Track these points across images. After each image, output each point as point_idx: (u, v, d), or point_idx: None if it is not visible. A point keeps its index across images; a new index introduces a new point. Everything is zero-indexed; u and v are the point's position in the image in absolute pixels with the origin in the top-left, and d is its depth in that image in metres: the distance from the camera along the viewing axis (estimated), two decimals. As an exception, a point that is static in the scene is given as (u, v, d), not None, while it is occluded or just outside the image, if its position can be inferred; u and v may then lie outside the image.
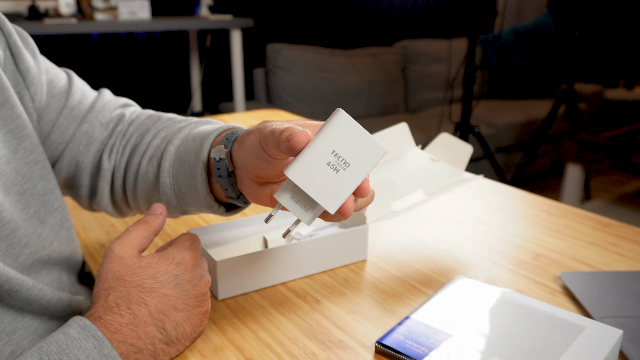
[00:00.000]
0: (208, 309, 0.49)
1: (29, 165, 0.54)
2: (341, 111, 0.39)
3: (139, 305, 0.43)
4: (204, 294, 0.48)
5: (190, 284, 0.46)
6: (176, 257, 0.47)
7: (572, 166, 2.40)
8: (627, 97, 3.75)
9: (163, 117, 0.63)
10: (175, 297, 0.45)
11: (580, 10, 3.52)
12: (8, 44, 0.55)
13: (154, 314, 0.44)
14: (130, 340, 0.42)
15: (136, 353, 0.43)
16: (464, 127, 2.50)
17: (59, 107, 0.60)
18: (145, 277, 0.45)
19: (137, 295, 0.44)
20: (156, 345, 0.44)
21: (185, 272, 0.46)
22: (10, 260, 0.50)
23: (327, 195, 0.39)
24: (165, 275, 0.45)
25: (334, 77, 2.97)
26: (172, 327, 0.45)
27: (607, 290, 0.58)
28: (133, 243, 0.47)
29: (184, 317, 0.46)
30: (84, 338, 0.40)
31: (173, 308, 0.45)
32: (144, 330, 0.43)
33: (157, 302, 0.44)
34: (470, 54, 2.43)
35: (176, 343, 0.46)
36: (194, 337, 0.48)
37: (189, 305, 0.46)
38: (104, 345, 0.41)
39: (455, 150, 0.71)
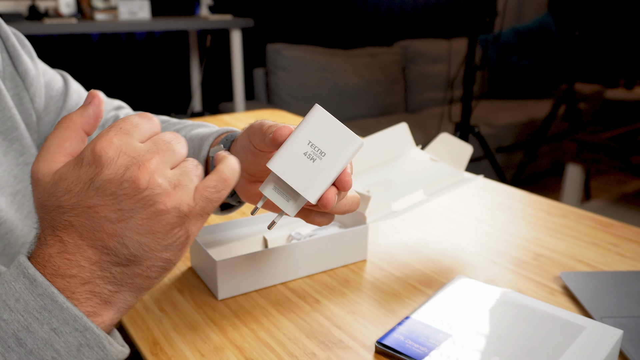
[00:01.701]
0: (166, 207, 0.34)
1: (19, 167, 0.54)
2: (317, 106, 0.42)
3: (65, 229, 0.34)
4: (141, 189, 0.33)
5: (114, 184, 0.33)
6: (86, 154, 0.34)
7: (572, 166, 2.40)
8: (627, 97, 3.75)
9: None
10: (103, 206, 0.33)
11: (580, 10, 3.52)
12: (5, 46, 0.55)
13: (86, 234, 0.34)
14: (67, 272, 0.34)
15: (84, 284, 0.34)
16: (464, 127, 2.49)
17: (57, 108, 0.61)
18: (61, 193, 0.34)
19: (60, 218, 0.34)
20: (110, 269, 0.34)
21: (102, 170, 0.33)
22: (7, 259, 0.50)
23: (306, 183, 0.40)
24: (80, 184, 0.34)
25: (334, 77, 2.97)
26: (117, 243, 0.34)
27: (607, 290, 0.58)
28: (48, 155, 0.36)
29: (127, 226, 0.34)
30: (14, 279, 0.33)
31: (106, 220, 0.33)
32: (83, 257, 0.34)
33: (83, 219, 0.34)
34: (470, 54, 2.43)
35: (137, 260, 0.35)
36: (167, 244, 0.35)
37: (126, 210, 0.33)
38: (36, 284, 0.33)
39: (455, 150, 0.71)
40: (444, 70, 3.35)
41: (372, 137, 0.71)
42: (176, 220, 0.35)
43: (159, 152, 0.35)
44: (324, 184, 0.41)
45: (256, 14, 2.94)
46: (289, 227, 0.69)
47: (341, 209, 0.45)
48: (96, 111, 0.38)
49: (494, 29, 3.21)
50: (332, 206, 0.41)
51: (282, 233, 0.67)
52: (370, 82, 3.11)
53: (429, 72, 3.37)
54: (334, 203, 0.41)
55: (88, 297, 0.34)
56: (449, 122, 2.72)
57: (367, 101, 3.11)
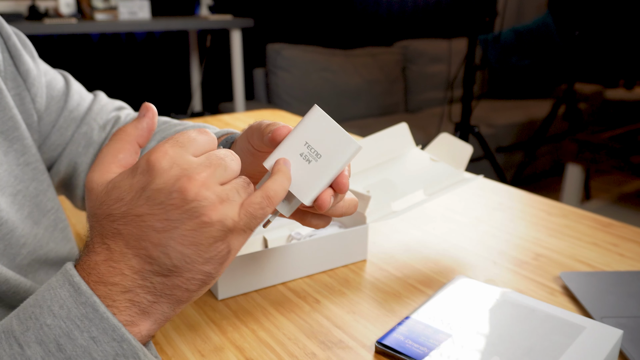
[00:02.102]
0: (210, 220, 0.34)
1: (20, 167, 0.54)
2: (316, 107, 0.41)
3: (113, 237, 0.35)
4: (188, 200, 0.34)
5: (164, 193, 0.34)
6: (141, 164, 0.35)
7: (572, 166, 2.40)
8: (627, 97, 3.75)
9: (158, 121, 0.64)
10: (151, 215, 0.34)
11: (580, 10, 3.52)
12: (7, 46, 0.55)
13: (132, 242, 0.35)
14: (110, 279, 0.34)
15: (125, 293, 0.34)
16: (464, 127, 2.50)
17: (59, 108, 0.61)
18: (112, 202, 0.35)
19: (109, 226, 0.35)
20: (150, 279, 0.35)
21: (152, 180, 0.34)
22: (8, 260, 0.50)
23: (300, 185, 0.40)
24: (132, 192, 0.35)
25: (334, 77, 2.97)
26: (159, 253, 0.34)
27: (607, 290, 0.58)
28: (103, 165, 0.37)
29: (172, 236, 0.34)
30: (60, 285, 0.34)
31: (152, 229, 0.34)
32: (127, 265, 0.35)
33: (131, 228, 0.34)
34: (470, 54, 2.44)
35: (178, 271, 0.35)
36: (208, 257, 0.35)
37: (172, 220, 0.34)
38: (80, 292, 0.33)
39: (455, 150, 0.72)
40: (444, 70, 3.35)
41: (372, 137, 0.71)
42: (219, 234, 0.35)
43: (210, 166, 0.35)
44: (318, 186, 0.41)
45: (256, 14, 2.95)
46: (289, 227, 0.69)
47: (338, 212, 0.45)
48: (150, 124, 0.39)
49: (494, 29, 3.21)
50: (328, 208, 0.41)
51: (282, 233, 0.67)
52: (370, 82, 3.11)
53: (429, 72, 3.37)
54: (329, 205, 0.41)
55: (127, 306, 0.35)
56: (449, 122, 2.72)
57: (367, 101, 3.11)
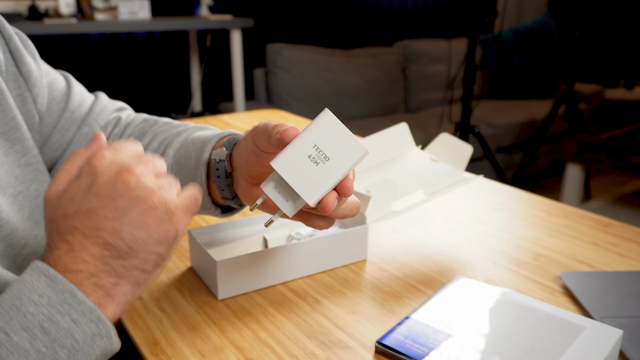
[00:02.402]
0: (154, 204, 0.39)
1: (21, 168, 0.54)
2: (327, 110, 0.42)
3: (70, 232, 0.39)
4: (130, 189, 0.39)
5: (109, 187, 0.39)
6: (84, 169, 0.41)
7: (572, 166, 2.40)
8: (627, 97, 3.75)
9: (159, 121, 0.65)
10: (101, 207, 0.39)
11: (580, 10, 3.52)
12: (9, 46, 0.55)
13: (88, 233, 0.39)
14: (74, 267, 0.38)
15: (90, 278, 0.39)
16: (464, 127, 2.50)
17: (60, 109, 0.61)
18: (64, 204, 0.40)
19: (65, 224, 0.40)
20: (110, 263, 0.39)
21: (97, 177, 0.39)
22: (9, 261, 0.50)
23: (306, 186, 0.41)
24: (80, 192, 0.40)
25: (334, 77, 2.97)
26: (115, 238, 0.39)
27: (607, 290, 0.58)
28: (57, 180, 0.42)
29: (123, 222, 0.39)
30: (35, 279, 0.38)
31: (104, 219, 0.39)
32: (87, 253, 0.39)
33: (85, 221, 0.39)
34: (470, 54, 2.43)
35: (133, 253, 0.39)
36: (158, 239, 0.40)
37: (121, 208, 0.39)
38: (57, 280, 0.37)
39: (455, 150, 0.72)
40: (444, 70, 3.35)
41: (372, 137, 0.71)
42: (165, 216, 0.40)
43: (143, 162, 0.41)
44: (324, 188, 0.41)
45: (256, 14, 2.94)
46: (289, 227, 0.69)
47: (340, 214, 0.45)
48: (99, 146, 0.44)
49: (494, 29, 3.21)
50: (331, 211, 0.42)
51: (282, 233, 0.67)
52: (370, 82, 3.11)
53: (429, 72, 3.37)
54: (333, 208, 0.42)
55: (93, 289, 0.39)
56: (449, 122, 2.72)
57: (367, 101, 3.11)
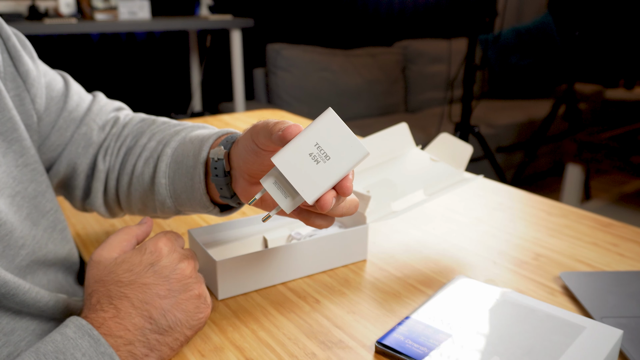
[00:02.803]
0: (200, 293, 0.47)
1: (18, 168, 0.54)
2: (330, 110, 0.42)
3: (120, 299, 0.43)
4: (186, 277, 0.46)
5: (168, 269, 0.45)
6: (149, 247, 0.46)
7: (572, 166, 2.40)
8: (627, 97, 3.75)
9: (157, 121, 0.65)
10: (156, 285, 0.44)
11: (580, 10, 3.52)
12: (6, 46, 0.55)
13: (137, 304, 0.43)
14: (117, 333, 0.42)
15: (127, 345, 0.42)
16: (464, 127, 2.50)
17: (58, 109, 0.61)
18: (122, 272, 0.45)
19: (117, 290, 0.44)
20: (148, 336, 0.43)
21: (160, 259, 0.46)
22: (7, 261, 0.50)
23: (306, 183, 0.41)
24: (141, 266, 0.45)
25: (334, 77, 2.97)
26: (160, 315, 0.44)
27: (607, 290, 0.58)
28: (110, 247, 0.48)
29: (170, 303, 0.45)
30: (80, 337, 0.41)
31: (156, 296, 0.44)
32: (131, 322, 0.43)
33: (137, 293, 0.44)
34: (470, 54, 2.43)
35: (170, 332, 0.44)
36: (192, 324, 0.46)
37: (173, 291, 0.45)
38: (99, 343, 0.41)
39: (455, 150, 0.72)
40: (444, 70, 3.35)
41: (372, 137, 0.71)
42: (203, 306, 0.47)
43: (195, 257, 0.49)
44: (323, 186, 0.41)
45: (256, 14, 2.95)
46: (289, 227, 0.69)
47: (339, 212, 0.46)
48: (148, 229, 0.52)
49: (494, 29, 3.21)
50: (329, 209, 0.42)
51: (282, 233, 0.67)
52: (370, 82, 3.11)
53: (429, 72, 3.37)
54: (331, 206, 0.42)
55: (126, 356, 0.42)
56: (449, 122, 2.72)
57: (367, 101, 3.11)
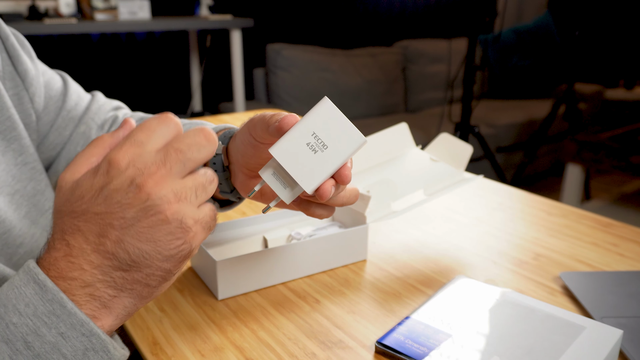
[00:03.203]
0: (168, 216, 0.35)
1: (17, 167, 0.54)
2: (326, 99, 0.42)
3: (72, 233, 0.36)
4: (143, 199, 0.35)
5: (120, 193, 0.35)
6: (102, 165, 0.36)
7: (572, 166, 2.40)
8: (627, 97, 3.75)
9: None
10: (109, 214, 0.36)
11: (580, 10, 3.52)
12: (5, 46, 0.55)
13: (92, 238, 0.36)
14: (69, 274, 0.35)
15: (85, 287, 0.35)
16: (464, 127, 2.49)
17: (57, 108, 0.61)
18: (75, 199, 0.37)
19: (70, 222, 0.36)
20: (110, 274, 0.36)
21: (111, 180, 0.36)
22: (5, 259, 0.50)
23: (304, 173, 0.41)
24: (92, 191, 0.36)
25: (334, 77, 2.97)
26: (119, 248, 0.36)
27: (607, 290, 0.58)
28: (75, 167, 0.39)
29: (129, 233, 0.36)
30: (24, 284, 0.35)
31: (110, 227, 0.36)
32: (86, 260, 0.36)
33: (91, 225, 0.36)
34: (470, 54, 2.43)
35: (137, 267, 0.36)
36: (167, 255, 0.36)
37: (128, 219, 0.35)
38: (46, 289, 0.34)
39: (455, 150, 0.71)
40: (444, 70, 3.35)
41: (372, 137, 0.71)
42: (178, 231, 0.36)
43: (166, 163, 0.36)
44: (322, 175, 0.41)
45: (256, 14, 2.94)
46: (289, 227, 0.69)
47: (339, 202, 0.45)
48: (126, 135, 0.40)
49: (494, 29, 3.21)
50: (328, 198, 0.42)
51: (282, 233, 0.67)
52: (370, 82, 3.11)
53: (429, 72, 3.37)
54: (330, 195, 0.42)
55: (87, 300, 0.35)
56: (449, 122, 2.72)
57: (367, 101, 3.11)
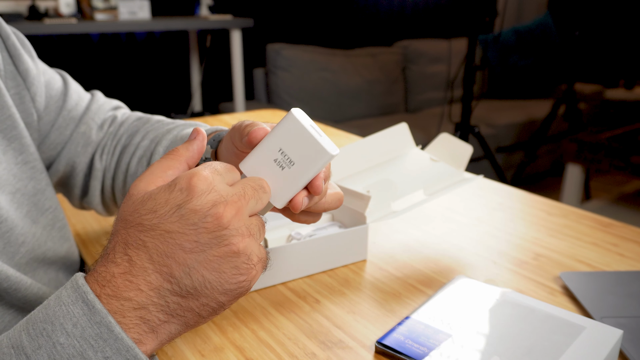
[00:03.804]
0: (240, 249, 0.35)
1: (18, 166, 0.54)
2: (292, 112, 0.41)
3: (137, 249, 0.35)
4: (221, 226, 0.35)
5: (198, 215, 0.34)
6: (180, 181, 0.35)
7: (572, 166, 2.40)
8: (627, 97, 3.75)
9: (152, 119, 0.65)
10: (181, 234, 0.34)
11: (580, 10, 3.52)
12: (6, 45, 0.55)
13: (156, 257, 0.34)
14: (125, 294, 0.34)
15: (138, 309, 0.34)
16: (464, 127, 2.49)
17: (58, 108, 0.61)
18: (145, 211, 0.35)
19: (135, 236, 0.35)
20: (167, 298, 0.35)
21: (191, 199, 0.35)
22: (7, 258, 0.50)
23: (274, 189, 0.41)
24: (167, 207, 0.35)
25: (334, 77, 2.97)
26: (183, 273, 0.34)
27: (607, 290, 0.58)
28: (151, 176, 0.38)
29: (197, 259, 0.34)
30: (73, 302, 0.33)
31: (180, 248, 0.34)
32: (145, 281, 0.34)
33: (158, 243, 0.34)
34: (470, 54, 2.43)
35: (195, 295, 0.35)
36: (227, 288, 0.35)
37: (201, 244, 0.34)
38: (94, 311, 0.33)
39: (455, 150, 0.71)
40: (444, 70, 3.35)
41: (372, 137, 0.71)
42: (244, 267, 0.35)
43: (245, 197, 0.36)
44: (290, 191, 0.41)
45: (256, 14, 2.94)
46: (289, 227, 0.69)
47: (321, 208, 0.45)
48: (200, 146, 0.40)
49: (494, 29, 3.21)
50: (301, 209, 0.41)
51: (282, 233, 0.67)
52: (370, 82, 3.11)
53: (429, 72, 3.37)
54: (303, 206, 0.41)
55: (137, 323, 0.34)
56: (449, 122, 2.72)
57: (367, 101, 3.11)
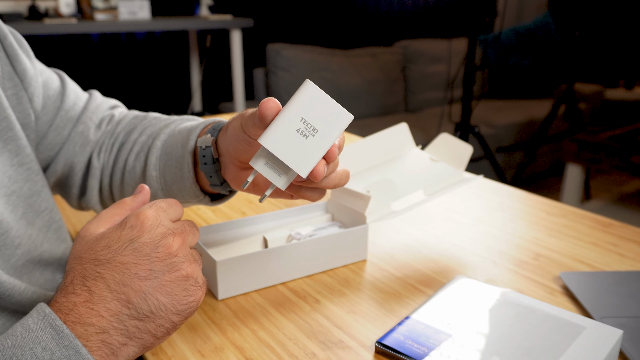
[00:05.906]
0: (189, 273, 0.41)
1: (14, 168, 0.54)
2: (308, 81, 0.42)
3: (94, 280, 0.38)
4: (170, 255, 0.40)
5: (150, 247, 0.39)
6: (130, 220, 0.41)
7: (572, 166, 2.40)
8: (627, 97, 3.75)
9: (149, 116, 0.66)
10: (135, 264, 0.39)
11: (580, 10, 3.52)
12: (3, 45, 0.55)
13: (114, 286, 0.38)
14: (87, 320, 0.37)
15: (100, 334, 0.37)
16: (464, 127, 2.49)
17: (55, 108, 0.61)
18: (100, 248, 0.40)
19: (92, 269, 0.39)
20: (125, 322, 0.38)
21: (142, 234, 0.40)
22: (3, 260, 0.50)
23: (298, 159, 0.41)
24: (119, 243, 0.39)
25: (334, 77, 2.97)
26: (139, 298, 0.38)
27: (607, 290, 0.58)
28: (99, 221, 0.43)
29: (152, 285, 0.39)
30: (41, 329, 0.36)
31: (135, 277, 0.39)
32: (105, 307, 0.38)
33: (114, 274, 0.38)
34: (470, 54, 2.43)
35: (152, 317, 0.39)
36: (179, 309, 0.40)
37: (155, 271, 0.39)
38: (62, 335, 0.36)
39: (455, 150, 0.71)
40: (444, 70, 3.35)
41: (372, 137, 0.71)
42: (192, 289, 0.41)
43: (185, 232, 0.42)
44: (314, 159, 0.42)
45: (256, 14, 2.94)
46: (289, 227, 0.69)
47: (331, 183, 0.46)
48: (144, 199, 0.47)
49: (494, 29, 3.21)
50: (321, 178, 0.43)
51: (282, 233, 0.67)
52: (370, 82, 3.11)
53: (429, 72, 3.37)
54: (323, 175, 0.42)
55: (99, 346, 0.37)
56: (449, 122, 2.72)
57: (367, 101, 3.11)
